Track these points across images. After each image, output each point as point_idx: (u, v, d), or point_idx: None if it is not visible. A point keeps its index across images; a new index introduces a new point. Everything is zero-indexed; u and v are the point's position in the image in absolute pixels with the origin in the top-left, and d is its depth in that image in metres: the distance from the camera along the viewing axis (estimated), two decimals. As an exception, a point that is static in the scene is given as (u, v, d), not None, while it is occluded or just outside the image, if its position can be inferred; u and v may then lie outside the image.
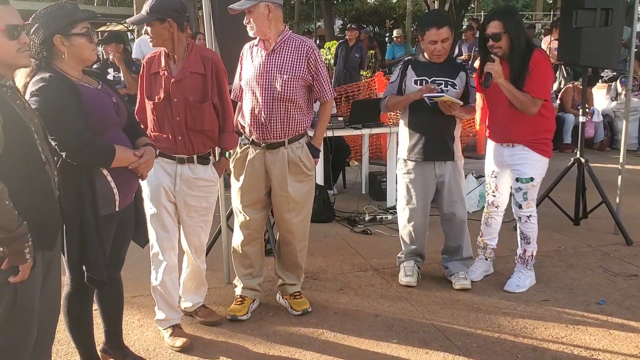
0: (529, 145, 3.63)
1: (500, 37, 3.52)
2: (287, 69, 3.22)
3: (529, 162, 3.65)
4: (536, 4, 23.84)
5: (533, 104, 3.52)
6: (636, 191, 6.15)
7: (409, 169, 3.82)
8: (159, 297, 3.20)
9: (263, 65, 3.25)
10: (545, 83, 3.63)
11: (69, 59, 2.44)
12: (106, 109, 2.52)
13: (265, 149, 3.31)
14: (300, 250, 3.53)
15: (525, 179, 3.67)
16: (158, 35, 2.99)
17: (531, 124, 3.60)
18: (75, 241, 2.43)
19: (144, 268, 3.63)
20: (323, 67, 3.33)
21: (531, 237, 3.77)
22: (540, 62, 3.54)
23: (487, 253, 4.02)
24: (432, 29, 3.61)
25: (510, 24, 3.52)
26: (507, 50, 3.54)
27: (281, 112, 3.24)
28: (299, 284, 3.63)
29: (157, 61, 3.09)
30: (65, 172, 2.36)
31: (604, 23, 4.37)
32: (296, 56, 3.24)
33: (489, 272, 4.03)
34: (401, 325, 3.35)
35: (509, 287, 3.77)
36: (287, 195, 3.34)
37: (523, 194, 3.70)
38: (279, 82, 3.21)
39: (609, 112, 9.00)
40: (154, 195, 3.09)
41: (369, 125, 5.79)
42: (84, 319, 2.71)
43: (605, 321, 3.36)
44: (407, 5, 14.98)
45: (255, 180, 3.36)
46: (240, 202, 3.42)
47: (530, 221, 3.74)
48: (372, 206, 5.77)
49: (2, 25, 1.96)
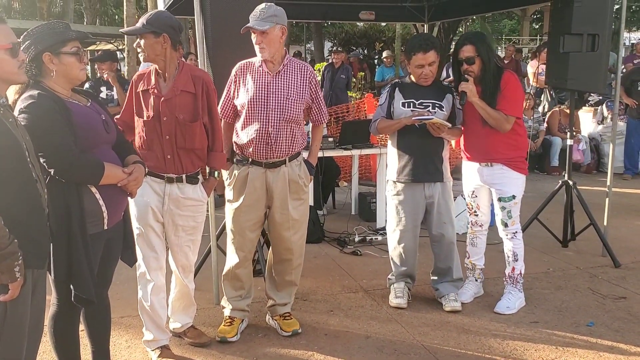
0: (507, 164, 3.70)
1: (474, 60, 3.63)
2: (294, 91, 3.30)
3: (509, 181, 3.72)
4: (523, 29, 24.24)
5: (506, 120, 3.61)
6: (623, 214, 6.20)
7: (399, 190, 3.83)
8: (147, 317, 3.16)
9: (271, 86, 3.28)
10: (517, 101, 3.72)
11: (58, 77, 2.44)
12: (95, 127, 2.51)
13: (266, 168, 3.31)
14: (297, 267, 3.54)
15: (508, 198, 3.73)
16: (151, 49, 2.98)
17: (507, 142, 3.69)
18: (62, 259, 2.40)
19: (132, 288, 3.58)
20: (320, 90, 3.45)
21: (519, 254, 3.81)
22: (511, 81, 3.67)
23: (476, 274, 4.04)
24: (419, 53, 3.65)
25: (482, 47, 3.64)
26: (479, 72, 3.65)
27: (287, 132, 3.30)
28: (290, 303, 3.60)
29: (147, 79, 3.08)
30: (53, 190, 2.33)
31: (590, 48, 4.44)
32: (300, 79, 3.32)
33: (479, 294, 4.04)
34: (392, 347, 3.32)
35: (499, 309, 3.77)
36: (288, 214, 3.36)
37: (507, 213, 3.75)
38: (288, 103, 3.27)
39: (596, 136, 9.11)
40: (141, 215, 3.06)
41: (358, 146, 5.82)
42: (70, 339, 2.67)
43: (594, 343, 3.36)
44: (397, 29, 15.17)
45: (256, 200, 3.34)
46: (240, 223, 3.37)
47: (516, 237, 3.80)
48: (362, 227, 5.76)
49: (7, 43, 1.98)
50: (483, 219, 3.96)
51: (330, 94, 10.00)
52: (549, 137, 8.73)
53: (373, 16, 7.82)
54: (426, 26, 7.82)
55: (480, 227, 3.97)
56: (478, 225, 3.97)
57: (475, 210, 3.96)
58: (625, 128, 8.47)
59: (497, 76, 3.65)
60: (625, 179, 8.28)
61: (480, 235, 3.99)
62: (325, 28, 19.61)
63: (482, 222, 3.96)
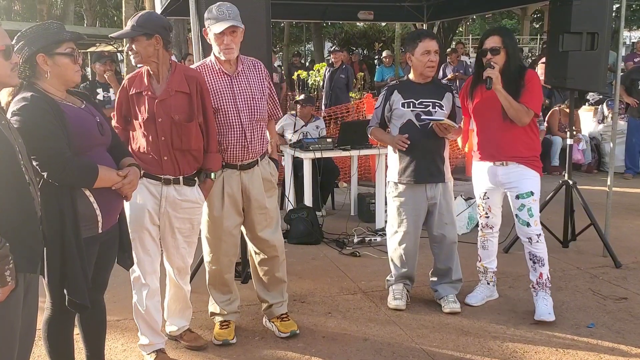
0: (523, 162, 3.63)
1: (499, 52, 3.57)
2: (257, 89, 3.30)
3: (526, 178, 3.64)
4: (523, 28, 24.19)
5: (527, 114, 3.56)
6: (624, 213, 6.17)
7: (400, 191, 3.79)
8: (142, 321, 3.13)
9: (235, 88, 3.23)
10: (539, 98, 3.66)
11: (52, 78, 2.41)
12: (89, 129, 2.48)
13: (241, 170, 3.29)
14: (282, 262, 3.52)
15: (526, 194, 3.62)
16: (144, 51, 2.93)
17: (524, 140, 3.63)
18: (56, 264, 2.37)
19: (128, 291, 3.54)
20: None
21: (544, 257, 3.66)
22: (535, 79, 3.64)
23: (488, 277, 3.94)
24: (426, 39, 3.64)
25: (508, 40, 3.60)
26: (503, 65, 3.57)
27: (259, 131, 3.32)
28: (285, 301, 3.57)
29: (139, 81, 3.04)
30: (46, 193, 2.31)
31: (590, 47, 4.42)
32: (257, 76, 3.32)
33: (492, 297, 3.95)
34: (390, 350, 3.29)
35: (542, 317, 3.57)
36: (267, 212, 3.36)
37: (528, 211, 3.62)
38: (255, 103, 3.27)
39: (596, 135, 9.08)
40: (137, 218, 3.02)
41: (357, 146, 5.79)
42: (64, 343, 2.64)
43: (595, 345, 3.32)
44: (396, 29, 15.16)
45: (234, 204, 3.31)
46: (224, 228, 3.32)
47: (540, 240, 3.65)
48: (361, 228, 5.74)
49: (1, 45, 1.95)
50: (494, 221, 3.87)
51: (330, 94, 9.96)
52: (549, 136, 8.69)
53: (372, 16, 7.81)
54: (425, 26, 7.81)
55: (491, 229, 3.88)
56: (489, 228, 3.88)
57: (486, 212, 3.86)
58: (625, 127, 8.44)
59: (522, 71, 3.61)
60: (626, 178, 8.25)
61: (491, 238, 3.90)
62: (325, 28, 19.60)
63: (493, 224, 3.88)
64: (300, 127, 6.47)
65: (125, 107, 3.07)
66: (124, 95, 3.06)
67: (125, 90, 3.06)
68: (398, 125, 3.75)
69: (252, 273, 3.60)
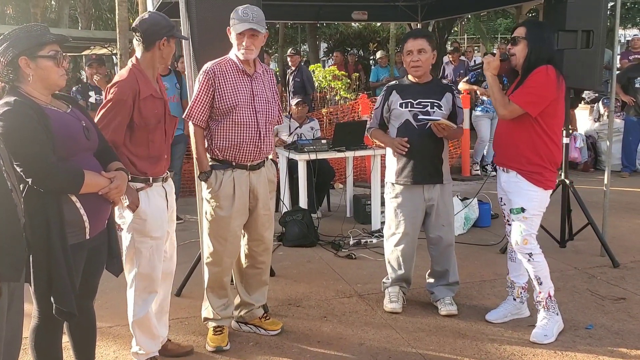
0: (521, 172, 3.33)
1: (518, 42, 3.33)
2: (270, 93, 3.36)
3: (520, 191, 3.34)
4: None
5: (504, 106, 3.30)
6: (621, 212, 6.14)
7: (397, 192, 3.74)
8: (144, 329, 3.02)
9: (254, 89, 3.26)
10: (529, 94, 3.24)
11: (35, 82, 2.35)
12: (75, 133, 2.42)
13: (250, 170, 3.28)
14: (269, 264, 3.57)
15: (516, 210, 3.34)
16: (171, 54, 3.07)
17: (531, 145, 3.30)
18: (42, 271, 2.32)
19: (120, 296, 3.50)
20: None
21: (541, 276, 3.36)
22: (537, 74, 3.24)
23: (515, 292, 3.63)
24: (409, 40, 3.64)
25: (534, 33, 3.30)
26: (523, 59, 3.31)
27: (271, 133, 3.38)
28: (265, 302, 3.57)
29: (144, 84, 2.88)
30: (31, 200, 2.25)
31: (585, 45, 4.38)
32: (269, 81, 3.38)
33: (519, 315, 3.62)
34: (386, 354, 3.24)
35: (536, 338, 3.34)
36: (270, 213, 3.41)
37: (518, 228, 3.34)
38: (269, 105, 3.32)
39: (592, 134, 9.05)
40: (162, 223, 2.96)
41: (352, 147, 5.74)
42: (53, 352, 2.57)
43: (594, 347, 3.28)
44: (391, 29, 15.11)
45: (243, 204, 3.29)
46: (231, 230, 3.26)
47: (533, 259, 3.34)
48: (357, 229, 5.69)
49: None
50: None
51: (290, 97, 9.75)
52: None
53: (365, 16, 7.78)
54: (420, 25, 7.77)
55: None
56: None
57: (507, 220, 3.56)
58: (622, 125, 8.42)
59: (537, 65, 3.25)
60: (623, 176, 8.22)
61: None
62: (320, 29, 19.55)
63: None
64: (294, 129, 6.44)
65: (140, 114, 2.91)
66: (133, 106, 2.88)
67: (136, 100, 2.88)
68: (396, 126, 3.71)
69: (236, 277, 3.55)
